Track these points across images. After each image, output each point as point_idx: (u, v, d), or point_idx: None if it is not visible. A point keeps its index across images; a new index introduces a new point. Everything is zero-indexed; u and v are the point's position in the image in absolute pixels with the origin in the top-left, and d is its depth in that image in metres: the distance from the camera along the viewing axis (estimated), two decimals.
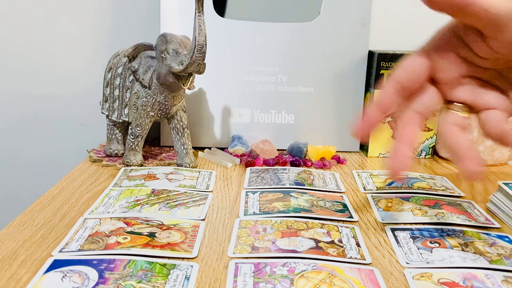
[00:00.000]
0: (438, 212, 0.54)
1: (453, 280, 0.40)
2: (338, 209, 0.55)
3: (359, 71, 0.77)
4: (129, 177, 0.63)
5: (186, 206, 0.54)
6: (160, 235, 0.46)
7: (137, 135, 0.67)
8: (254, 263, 0.42)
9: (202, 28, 0.57)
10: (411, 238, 0.48)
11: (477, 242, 0.47)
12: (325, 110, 0.78)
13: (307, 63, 0.76)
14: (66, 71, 0.88)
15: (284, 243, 0.46)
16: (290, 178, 0.64)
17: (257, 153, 0.73)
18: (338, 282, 0.39)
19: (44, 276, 0.39)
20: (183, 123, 0.69)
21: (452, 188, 0.63)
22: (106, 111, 0.71)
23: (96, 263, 0.41)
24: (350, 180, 0.66)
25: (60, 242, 0.45)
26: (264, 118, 0.78)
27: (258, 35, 0.75)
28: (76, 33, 0.87)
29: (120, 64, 0.69)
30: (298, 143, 0.74)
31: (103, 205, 0.54)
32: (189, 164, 0.68)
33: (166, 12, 0.74)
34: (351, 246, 0.46)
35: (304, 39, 0.75)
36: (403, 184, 0.63)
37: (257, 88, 0.77)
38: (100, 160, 0.71)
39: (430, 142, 0.77)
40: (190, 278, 0.40)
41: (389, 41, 0.86)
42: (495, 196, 0.56)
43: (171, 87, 0.64)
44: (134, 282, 0.38)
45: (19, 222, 0.50)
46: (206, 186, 0.61)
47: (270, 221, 0.50)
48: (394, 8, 0.86)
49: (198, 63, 0.59)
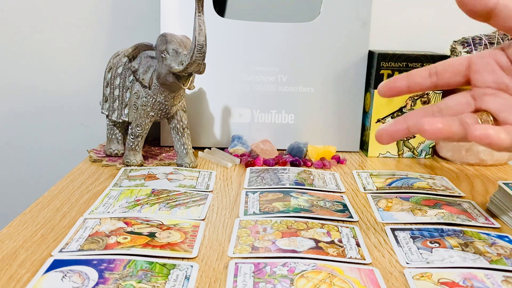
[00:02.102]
0: (438, 212, 0.54)
1: (453, 280, 0.40)
2: (338, 209, 0.55)
3: (359, 71, 0.77)
4: (129, 177, 0.63)
5: (186, 206, 0.54)
6: (160, 235, 0.46)
7: (137, 135, 0.67)
8: (254, 263, 0.42)
9: (202, 28, 0.57)
10: (411, 238, 0.48)
11: (477, 242, 0.47)
12: (325, 110, 0.78)
13: (307, 63, 0.76)
14: (66, 71, 0.88)
15: (284, 243, 0.46)
16: (290, 178, 0.64)
17: (257, 153, 0.73)
18: (338, 282, 0.39)
19: (44, 276, 0.39)
20: (183, 123, 0.69)
21: (452, 188, 0.63)
22: (106, 111, 0.71)
23: (96, 263, 0.41)
24: (350, 180, 0.66)
25: (60, 242, 0.45)
26: (264, 118, 0.78)
27: (258, 35, 0.75)
28: (76, 33, 0.87)
29: (120, 64, 0.69)
30: (298, 143, 0.74)
31: (103, 205, 0.54)
32: (189, 164, 0.68)
33: (166, 12, 0.74)
34: (351, 246, 0.46)
35: (304, 39, 0.75)
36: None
37: (257, 88, 0.77)
38: (100, 160, 0.71)
39: (430, 142, 0.77)
40: (190, 278, 0.40)
41: (389, 41, 0.86)
42: (495, 196, 0.56)
43: (171, 87, 0.64)
44: (134, 282, 0.38)
45: (19, 222, 0.50)
46: (206, 186, 0.61)
47: (270, 221, 0.50)
48: (394, 8, 0.86)
49: (198, 63, 0.59)
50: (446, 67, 0.45)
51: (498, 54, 0.43)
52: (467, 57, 0.45)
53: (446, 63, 0.45)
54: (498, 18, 0.41)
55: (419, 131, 0.41)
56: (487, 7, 0.40)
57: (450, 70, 0.45)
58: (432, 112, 0.45)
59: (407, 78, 0.46)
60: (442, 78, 0.45)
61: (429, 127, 0.40)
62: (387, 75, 0.74)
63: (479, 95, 0.43)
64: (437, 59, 0.74)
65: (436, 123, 0.40)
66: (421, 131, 0.41)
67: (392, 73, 0.74)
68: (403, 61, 0.74)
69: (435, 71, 0.45)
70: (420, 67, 0.73)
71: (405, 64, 0.74)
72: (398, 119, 0.45)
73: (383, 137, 0.45)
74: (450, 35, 0.80)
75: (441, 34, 0.84)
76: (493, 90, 0.43)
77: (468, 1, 0.41)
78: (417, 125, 0.41)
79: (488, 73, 0.43)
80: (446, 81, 0.45)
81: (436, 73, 0.45)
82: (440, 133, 0.40)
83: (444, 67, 0.45)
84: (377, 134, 0.45)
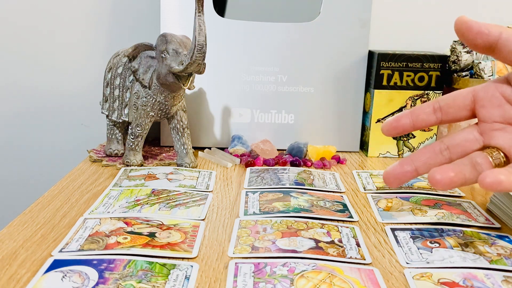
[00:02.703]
0: (438, 212, 0.54)
1: (453, 280, 0.40)
2: (338, 209, 0.55)
3: (359, 71, 0.77)
4: (129, 177, 0.63)
5: (186, 206, 0.54)
6: (160, 235, 0.46)
7: (137, 135, 0.67)
8: (254, 263, 0.42)
9: (202, 28, 0.57)
10: (411, 238, 0.48)
11: (477, 242, 0.47)
12: (325, 110, 0.78)
13: (307, 63, 0.76)
14: (66, 71, 0.88)
15: (284, 243, 0.46)
16: (290, 178, 0.64)
17: (257, 153, 0.73)
18: (338, 282, 0.39)
19: (44, 276, 0.39)
20: (183, 123, 0.69)
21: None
22: (106, 111, 0.71)
23: (96, 263, 0.41)
24: (350, 180, 0.66)
25: (60, 242, 0.45)
26: (264, 118, 0.78)
27: (258, 35, 0.75)
28: (76, 33, 0.87)
29: (120, 64, 0.69)
30: (298, 143, 0.74)
31: (103, 205, 0.54)
32: (189, 164, 0.68)
33: (166, 12, 0.74)
34: (351, 246, 0.46)
35: (304, 39, 0.75)
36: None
37: (257, 88, 0.77)
38: (100, 160, 0.71)
39: (430, 142, 0.77)
40: (190, 278, 0.40)
41: (389, 41, 0.86)
42: (495, 196, 0.56)
43: (171, 87, 0.64)
44: (134, 282, 0.38)
45: (19, 222, 0.50)
46: (206, 186, 0.61)
47: (270, 221, 0.50)
48: (394, 8, 0.86)
49: (198, 63, 0.59)
50: (450, 102, 0.44)
51: (503, 87, 0.42)
52: (471, 90, 0.44)
53: (450, 98, 0.45)
54: (500, 52, 0.40)
55: (431, 182, 0.40)
56: (489, 41, 0.40)
57: (455, 105, 0.44)
58: (440, 151, 0.44)
59: (411, 115, 0.45)
60: (447, 114, 0.45)
61: (441, 176, 0.40)
62: (387, 75, 0.74)
63: (486, 131, 0.43)
64: (437, 59, 0.74)
65: (448, 172, 0.40)
66: (434, 181, 0.40)
67: (392, 73, 0.74)
68: (403, 61, 0.74)
69: (439, 106, 0.44)
70: (420, 67, 0.75)
71: (405, 64, 0.74)
72: (404, 160, 0.44)
73: (390, 181, 0.45)
74: (450, 35, 0.79)
75: (441, 34, 0.84)
76: (501, 125, 0.42)
77: (468, 36, 0.40)
78: (429, 176, 0.40)
79: (495, 108, 0.42)
80: (452, 116, 0.45)
81: (440, 109, 0.44)
82: (452, 182, 0.40)
83: (448, 102, 0.44)
84: (384, 178, 0.45)
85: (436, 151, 0.44)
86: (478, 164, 0.41)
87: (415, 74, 0.75)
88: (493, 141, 0.42)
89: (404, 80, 0.75)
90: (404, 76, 0.75)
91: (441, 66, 0.74)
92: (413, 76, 0.75)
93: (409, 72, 0.75)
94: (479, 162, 0.41)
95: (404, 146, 0.77)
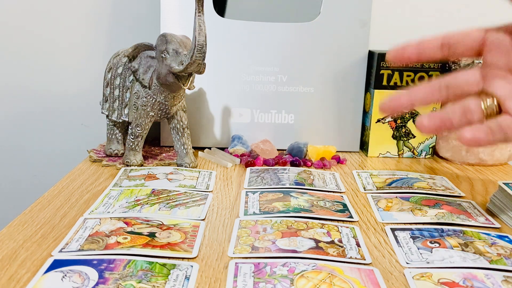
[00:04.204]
0: (438, 212, 0.54)
1: (453, 280, 0.40)
2: (338, 209, 0.55)
3: (359, 71, 0.77)
4: (129, 177, 0.63)
5: (186, 206, 0.54)
6: (160, 235, 0.46)
7: (137, 135, 0.67)
8: (254, 263, 0.42)
9: (202, 28, 0.57)
10: (411, 238, 0.48)
11: (477, 242, 0.47)
12: (325, 110, 0.78)
13: (307, 63, 0.76)
14: (66, 71, 0.88)
15: (284, 243, 0.46)
16: (290, 178, 0.64)
17: (257, 153, 0.73)
18: (338, 282, 0.39)
19: (44, 276, 0.39)
20: (183, 123, 0.69)
21: (452, 188, 0.63)
22: (106, 111, 0.71)
23: (96, 263, 0.41)
24: (350, 180, 0.66)
25: (60, 242, 0.45)
26: (264, 118, 0.78)
27: (258, 35, 0.75)
28: (77, 33, 0.87)
29: (120, 64, 0.69)
30: (298, 143, 0.74)
31: (103, 205, 0.54)
32: (189, 164, 0.68)
33: (166, 12, 0.74)
34: (351, 246, 0.46)
35: (304, 39, 0.75)
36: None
37: (257, 88, 0.77)
38: (100, 160, 0.71)
39: (430, 142, 0.78)
40: (190, 278, 0.40)
41: (389, 41, 0.86)
42: (495, 196, 0.56)
43: (171, 87, 0.64)
44: (134, 282, 0.38)
45: (19, 222, 0.50)
46: (206, 186, 0.61)
47: (270, 221, 0.50)
48: (394, 8, 0.86)
49: (198, 63, 0.59)
50: (460, 40, 0.43)
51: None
52: (483, 31, 0.43)
53: (460, 36, 0.43)
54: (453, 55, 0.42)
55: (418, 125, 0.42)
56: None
57: (463, 45, 0.43)
58: (439, 89, 0.43)
59: (417, 47, 0.44)
60: (454, 53, 0.44)
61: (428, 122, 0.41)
62: (387, 75, 0.74)
63: (488, 76, 0.42)
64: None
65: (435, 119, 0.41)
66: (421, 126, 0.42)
67: (392, 73, 0.74)
68: None
69: (448, 42, 0.43)
70: (420, 67, 0.74)
71: (405, 64, 0.74)
72: (402, 93, 0.44)
73: (385, 110, 0.44)
74: None
75: None
76: (503, 72, 0.42)
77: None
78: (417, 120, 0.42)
79: (502, 54, 0.42)
80: (458, 55, 0.44)
81: (449, 46, 0.43)
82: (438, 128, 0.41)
83: (458, 40, 0.43)
84: (380, 107, 0.45)
85: (435, 88, 0.44)
86: (470, 111, 0.41)
87: (415, 74, 0.75)
88: (491, 88, 0.42)
89: (404, 80, 0.75)
90: (404, 76, 0.75)
91: (441, 66, 0.75)
92: (413, 76, 0.75)
93: (409, 72, 0.75)
94: (471, 109, 0.41)
95: (404, 146, 0.77)
